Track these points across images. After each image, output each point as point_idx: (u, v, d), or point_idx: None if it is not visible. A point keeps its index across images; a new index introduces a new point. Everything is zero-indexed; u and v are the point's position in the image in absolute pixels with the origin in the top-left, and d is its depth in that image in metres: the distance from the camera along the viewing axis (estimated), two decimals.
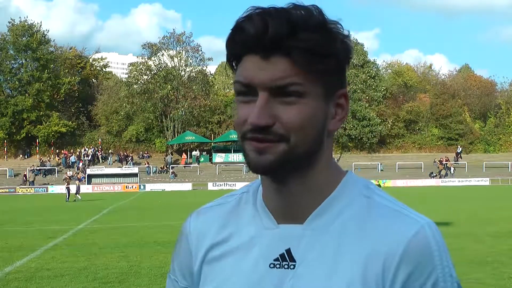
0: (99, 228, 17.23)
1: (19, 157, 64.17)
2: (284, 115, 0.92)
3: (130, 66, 71.91)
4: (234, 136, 62.22)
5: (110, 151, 64.74)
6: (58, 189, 51.45)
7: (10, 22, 64.68)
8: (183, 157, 62.51)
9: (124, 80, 71.33)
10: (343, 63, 0.96)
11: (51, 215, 23.69)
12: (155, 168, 60.14)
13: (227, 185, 54.39)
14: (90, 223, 19.13)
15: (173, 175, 58.10)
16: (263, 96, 0.92)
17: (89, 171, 57.86)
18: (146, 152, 64.80)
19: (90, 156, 62.00)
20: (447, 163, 59.34)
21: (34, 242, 13.93)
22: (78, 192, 36.99)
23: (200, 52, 67.57)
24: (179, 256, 1.11)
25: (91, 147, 63.79)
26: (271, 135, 0.92)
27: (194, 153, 63.07)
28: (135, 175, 57.68)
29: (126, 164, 60.94)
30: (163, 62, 66.72)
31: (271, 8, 0.93)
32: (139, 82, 65.91)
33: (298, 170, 0.97)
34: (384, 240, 0.93)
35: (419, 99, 71.24)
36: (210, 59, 69.47)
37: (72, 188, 37.36)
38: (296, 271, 0.95)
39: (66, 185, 37.91)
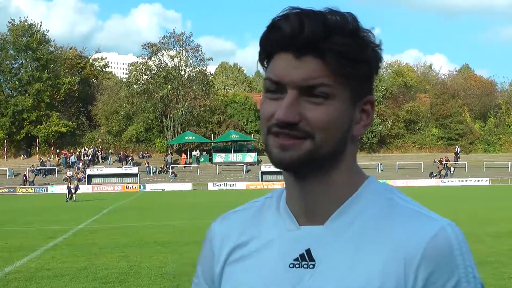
0: (99, 228, 17.23)
1: (19, 157, 64.18)
2: (310, 114, 0.93)
3: (130, 66, 71.91)
4: (234, 136, 62.35)
5: (110, 151, 64.73)
6: (58, 189, 51.44)
7: (10, 22, 64.71)
8: (183, 157, 62.51)
9: (124, 80, 71.34)
10: (372, 71, 0.98)
11: (51, 215, 23.70)
12: (155, 168, 60.15)
13: (227, 185, 54.41)
14: (90, 223, 19.14)
15: (173, 175, 58.11)
16: (292, 93, 0.93)
17: (89, 171, 57.86)
18: (146, 152, 64.80)
19: (90, 156, 62.00)
20: (447, 163, 59.36)
21: (34, 242, 13.93)
22: (75, 192, 36.90)
23: (200, 52, 67.66)
24: (203, 260, 1.14)
25: (91, 147, 63.78)
26: (296, 131, 0.93)
27: (194, 153, 63.08)
28: (135, 175, 57.69)
29: (126, 164, 60.94)
30: (163, 62, 66.73)
31: (309, 10, 0.95)
32: (139, 82, 65.90)
33: (321, 170, 0.98)
34: (405, 240, 0.94)
35: (419, 99, 71.29)
36: (210, 59, 69.54)
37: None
38: (315, 270, 0.96)
39: (68, 185, 37.81)
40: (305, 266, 0.97)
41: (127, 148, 64.80)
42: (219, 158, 61.81)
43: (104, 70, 78.74)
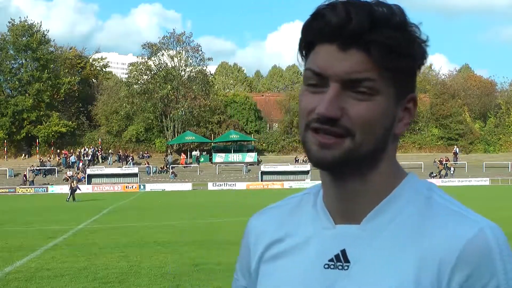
0: (99, 228, 17.24)
1: (19, 157, 64.19)
2: (353, 110, 0.90)
3: (130, 66, 71.89)
4: (234, 136, 62.36)
5: (110, 151, 64.74)
6: (58, 189, 51.43)
7: (10, 22, 64.70)
8: (183, 157, 62.52)
9: (124, 80, 71.35)
10: (417, 67, 0.95)
11: (51, 215, 23.70)
12: (155, 168, 60.14)
13: (227, 185, 54.39)
14: (90, 223, 19.14)
15: (173, 175, 58.11)
16: (334, 87, 0.90)
17: (89, 171, 57.85)
18: (146, 152, 64.81)
19: (90, 156, 62.01)
20: (447, 163, 59.36)
21: (34, 242, 13.94)
22: (75, 191, 36.77)
23: (200, 52, 67.65)
24: (241, 255, 1.14)
25: (91, 147, 63.79)
26: (337, 127, 0.90)
27: (194, 153, 63.09)
28: (135, 175, 57.67)
29: (126, 164, 60.94)
30: (163, 62, 66.74)
31: (355, 0, 0.91)
32: (139, 82, 65.93)
33: (360, 170, 0.95)
34: (440, 241, 0.90)
35: (419, 99, 71.18)
36: (210, 59, 69.49)
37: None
38: (349, 272, 0.94)
39: (71, 185, 37.64)
40: (339, 268, 0.95)
41: (127, 148, 64.80)
42: (219, 158, 61.81)
43: (104, 70, 78.78)
